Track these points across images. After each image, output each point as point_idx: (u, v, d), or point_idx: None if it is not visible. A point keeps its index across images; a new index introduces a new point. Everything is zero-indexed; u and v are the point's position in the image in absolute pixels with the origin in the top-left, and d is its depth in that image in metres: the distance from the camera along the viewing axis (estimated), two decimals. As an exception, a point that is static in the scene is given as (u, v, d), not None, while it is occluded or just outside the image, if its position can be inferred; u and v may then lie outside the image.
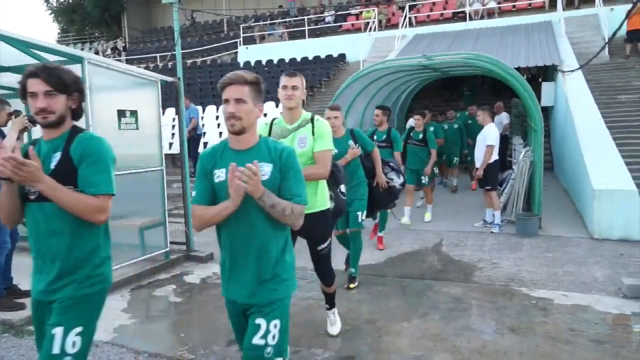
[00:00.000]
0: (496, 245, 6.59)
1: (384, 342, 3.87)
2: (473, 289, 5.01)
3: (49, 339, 2.09)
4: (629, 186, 6.66)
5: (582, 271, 5.42)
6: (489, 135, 7.24)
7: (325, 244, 3.66)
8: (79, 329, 2.13)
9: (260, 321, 2.23)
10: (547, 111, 12.76)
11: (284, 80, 3.46)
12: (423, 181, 7.90)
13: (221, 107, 14.46)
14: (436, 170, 8.77)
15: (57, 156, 2.18)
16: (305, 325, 4.25)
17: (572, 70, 10.58)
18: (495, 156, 7.30)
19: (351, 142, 4.94)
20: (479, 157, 7.37)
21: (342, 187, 3.72)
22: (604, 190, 6.69)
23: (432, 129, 8.57)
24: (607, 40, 10.61)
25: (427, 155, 7.92)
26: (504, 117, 10.86)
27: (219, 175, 2.28)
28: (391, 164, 5.61)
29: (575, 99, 9.55)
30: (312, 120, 3.52)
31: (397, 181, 5.50)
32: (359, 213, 5.02)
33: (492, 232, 7.24)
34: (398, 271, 5.75)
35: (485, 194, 7.52)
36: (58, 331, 2.09)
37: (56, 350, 2.07)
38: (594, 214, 6.77)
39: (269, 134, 3.54)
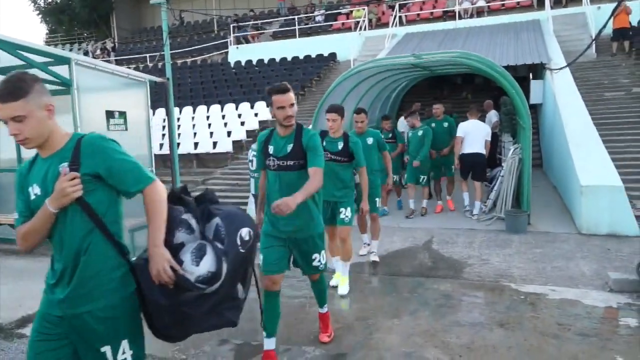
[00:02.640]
0: (486, 242, 6.65)
1: (375, 339, 3.90)
2: (463, 285, 5.06)
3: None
4: (615, 182, 6.74)
5: (570, 266, 5.48)
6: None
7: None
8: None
9: None
10: (536, 109, 12.87)
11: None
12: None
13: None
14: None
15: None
16: (296, 323, 4.26)
17: (560, 68, 10.69)
18: (480, 149, 7.97)
19: None
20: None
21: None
22: (591, 186, 6.77)
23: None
24: (593, 38, 10.72)
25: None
26: (493, 115, 10.93)
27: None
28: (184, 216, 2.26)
29: (563, 97, 9.64)
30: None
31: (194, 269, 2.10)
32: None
33: (469, 216, 8.06)
34: (389, 269, 5.78)
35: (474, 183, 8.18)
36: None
37: None
38: (581, 209, 6.85)
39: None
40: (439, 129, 8.56)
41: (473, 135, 7.92)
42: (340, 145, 4.73)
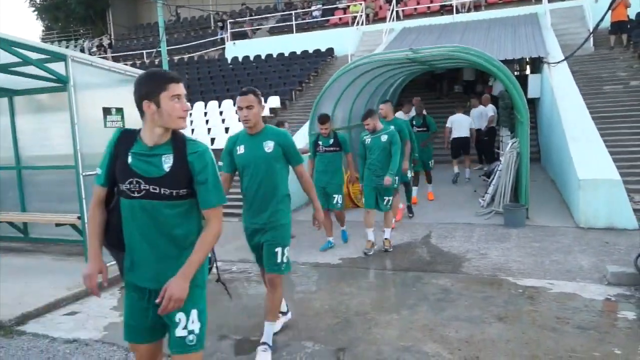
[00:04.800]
0: (484, 236, 6.66)
1: (374, 334, 3.91)
2: (461, 280, 5.07)
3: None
4: (613, 176, 6.75)
5: (568, 260, 5.50)
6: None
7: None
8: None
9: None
10: (534, 103, 12.87)
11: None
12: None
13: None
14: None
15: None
16: (296, 318, 4.27)
17: (558, 62, 10.67)
18: (466, 134, 10.28)
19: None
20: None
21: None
22: (589, 180, 6.77)
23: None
24: (591, 32, 10.71)
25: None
26: (489, 110, 10.93)
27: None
28: None
29: (560, 90, 9.63)
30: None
31: None
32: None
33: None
34: (387, 263, 5.79)
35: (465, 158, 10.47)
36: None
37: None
38: (579, 203, 6.86)
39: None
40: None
41: (459, 123, 10.25)
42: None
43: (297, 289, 5.04)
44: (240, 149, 3.59)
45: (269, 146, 3.52)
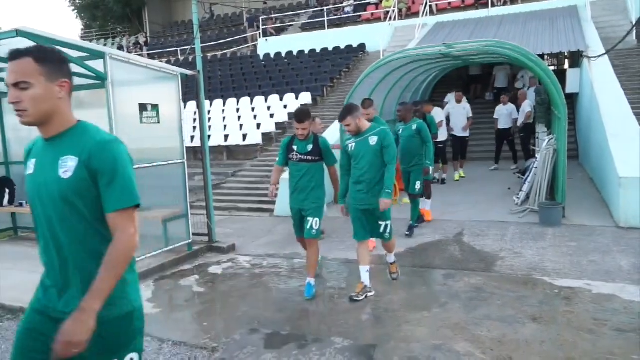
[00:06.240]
0: (518, 235, 6.52)
1: (404, 331, 3.89)
2: (494, 279, 4.98)
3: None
4: (656, 173, 6.49)
5: (607, 260, 5.32)
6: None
7: None
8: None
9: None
10: (572, 98, 12.49)
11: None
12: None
13: (242, 101, 14.45)
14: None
15: None
16: (326, 314, 4.29)
17: (598, 56, 10.32)
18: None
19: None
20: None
21: None
22: (630, 177, 6.53)
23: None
24: (634, 24, 10.30)
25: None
26: (526, 105, 10.67)
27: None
28: None
29: (600, 85, 9.31)
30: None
31: None
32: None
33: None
34: (418, 261, 5.74)
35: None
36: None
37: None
38: (619, 202, 6.63)
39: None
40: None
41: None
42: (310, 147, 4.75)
43: (327, 284, 5.05)
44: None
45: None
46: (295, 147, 4.74)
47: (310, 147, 4.69)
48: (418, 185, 6.75)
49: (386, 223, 4.58)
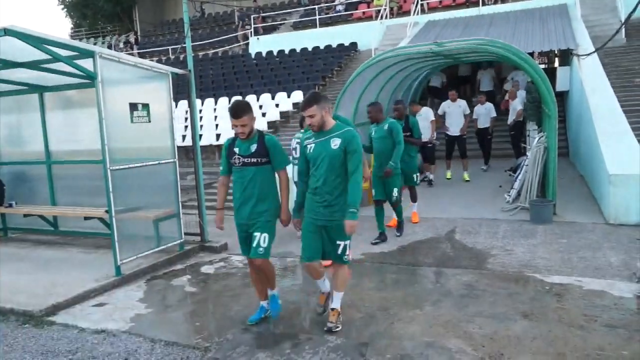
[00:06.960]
0: (510, 232, 6.56)
1: (396, 329, 3.90)
2: (486, 276, 5.01)
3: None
4: (645, 171, 6.55)
5: (597, 256, 5.37)
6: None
7: None
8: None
9: None
10: (562, 96, 12.57)
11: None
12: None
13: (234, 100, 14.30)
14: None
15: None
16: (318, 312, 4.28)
17: (588, 54, 10.38)
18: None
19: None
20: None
21: None
22: (620, 175, 6.59)
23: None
24: (623, 23, 10.38)
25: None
26: (517, 103, 10.72)
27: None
28: None
29: (590, 83, 9.38)
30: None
31: None
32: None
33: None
34: (411, 259, 5.76)
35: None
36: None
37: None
38: (609, 199, 6.69)
39: None
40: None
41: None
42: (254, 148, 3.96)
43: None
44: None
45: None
46: (237, 150, 3.98)
47: (254, 147, 3.91)
48: (395, 192, 6.32)
49: (345, 243, 3.83)
